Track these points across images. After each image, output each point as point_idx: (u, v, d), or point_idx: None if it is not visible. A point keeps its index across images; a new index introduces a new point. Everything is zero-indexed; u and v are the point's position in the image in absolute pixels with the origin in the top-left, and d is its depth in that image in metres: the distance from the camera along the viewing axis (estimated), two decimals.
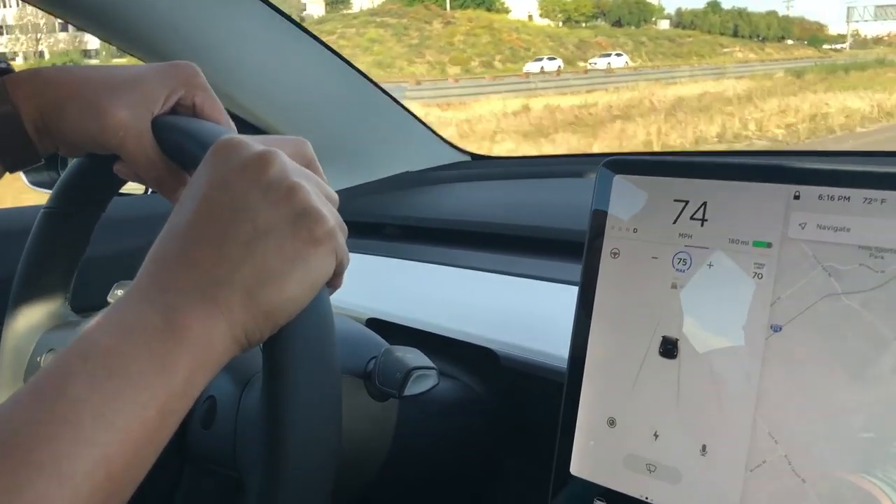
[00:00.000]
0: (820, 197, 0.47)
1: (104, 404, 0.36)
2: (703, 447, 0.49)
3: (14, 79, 0.52)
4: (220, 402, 0.57)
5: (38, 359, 0.68)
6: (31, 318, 0.69)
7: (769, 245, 0.48)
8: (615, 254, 0.55)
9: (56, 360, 0.38)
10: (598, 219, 0.56)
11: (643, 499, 0.52)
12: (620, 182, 0.55)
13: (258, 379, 0.55)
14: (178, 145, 0.52)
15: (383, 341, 0.66)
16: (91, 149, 0.54)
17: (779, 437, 0.47)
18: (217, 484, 0.55)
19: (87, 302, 0.74)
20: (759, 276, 0.48)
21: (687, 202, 0.52)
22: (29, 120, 0.52)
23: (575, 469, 0.55)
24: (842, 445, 0.45)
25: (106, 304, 0.72)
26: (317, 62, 1.14)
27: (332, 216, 0.44)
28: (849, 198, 0.46)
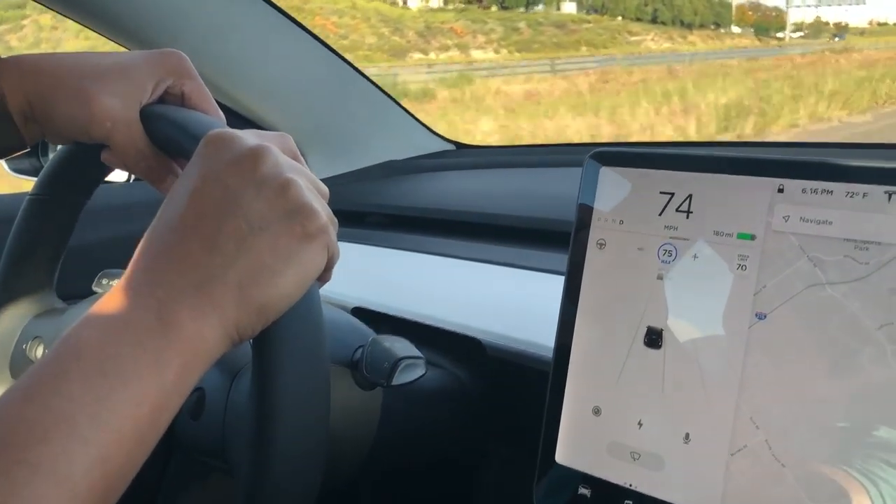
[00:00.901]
0: (803, 190, 0.48)
1: (98, 403, 0.36)
2: (687, 435, 0.50)
3: (0, 66, 0.52)
4: (209, 393, 0.57)
5: (24, 346, 0.68)
6: (16, 305, 0.68)
7: (753, 237, 0.49)
8: (601, 245, 0.55)
9: (49, 358, 0.37)
10: (585, 210, 0.56)
11: (627, 486, 0.53)
12: (607, 173, 0.55)
13: (247, 371, 0.56)
14: (167, 135, 0.52)
15: (370, 330, 0.67)
16: (78, 138, 0.54)
17: (760, 423, 0.48)
18: (204, 473, 0.56)
19: (71, 290, 0.74)
20: (744, 267, 0.49)
21: (673, 194, 0.52)
22: (15, 107, 0.52)
23: (560, 457, 0.56)
24: (820, 433, 0.46)
25: (91, 292, 0.72)
26: (301, 50, 1.14)
27: (324, 211, 0.44)
28: (832, 191, 0.47)
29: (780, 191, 0.49)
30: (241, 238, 0.41)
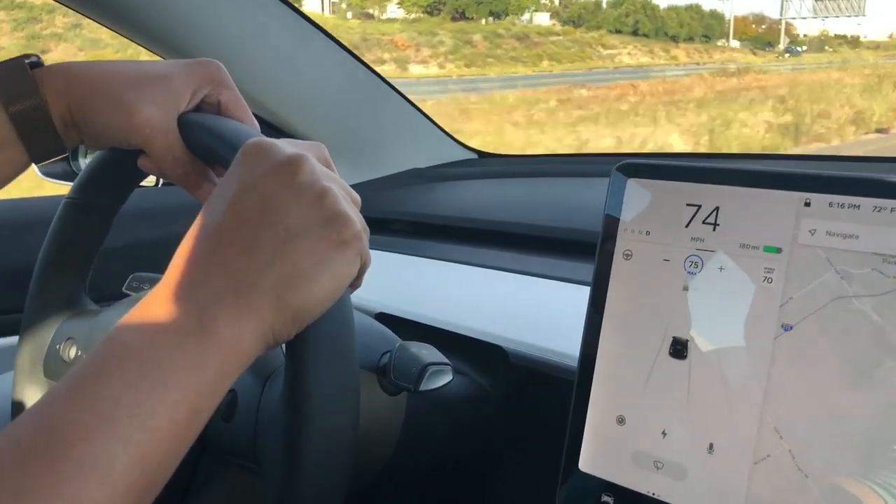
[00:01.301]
0: (830, 204, 0.48)
1: (138, 404, 0.37)
2: (711, 445, 0.51)
3: (44, 72, 0.53)
4: (242, 396, 0.58)
5: (58, 346, 0.69)
6: (50, 306, 0.70)
7: (779, 250, 0.50)
8: (627, 255, 0.56)
9: (91, 360, 0.39)
10: (611, 220, 0.57)
11: (650, 494, 0.53)
12: (634, 185, 0.56)
13: (279, 374, 0.57)
14: (203, 143, 0.53)
15: (396, 336, 0.68)
16: (117, 144, 0.55)
17: (784, 433, 0.48)
18: (234, 474, 0.57)
19: (102, 292, 0.75)
20: (769, 280, 0.50)
21: (699, 206, 0.53)
22: (57, 113, 0.53)
23: (583, 464, 0.56)
24: (844, 444, 0.46)
25: (122, 294, 0.73)
26: (331, 61, 1.15)
27: (358, 219, 0.45)
28: (859, 206, 0.47)
29: (807, 204, 0.49)
30: (279, 244, 0.42)
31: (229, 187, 0.44)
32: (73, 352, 0.68)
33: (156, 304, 0.41)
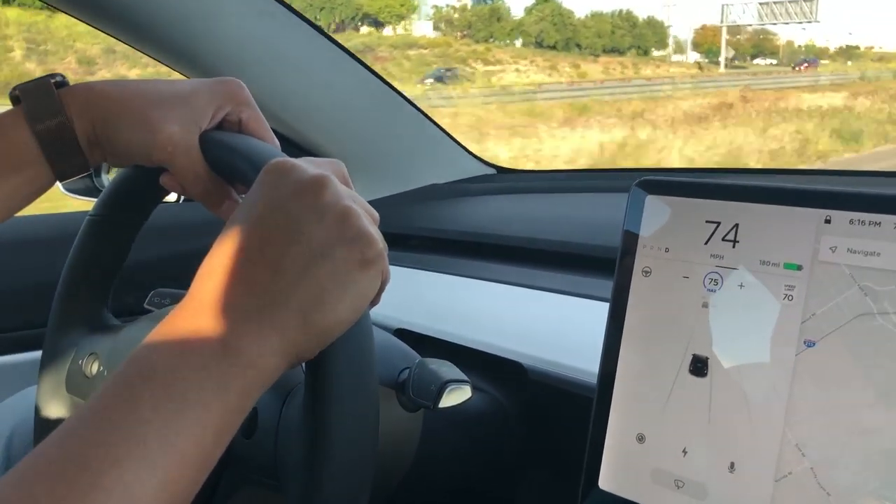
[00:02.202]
0: (851, 221, 0.48)
1: (166, 426, 0.37)
2: (732, 464, 0.50)
3: (69, 91, 0.54)
4: (262, 412, 0.58)
5: (80, 362, 0.70)
6: (73, 322, 0.71)
7: (800, 267, 0.49)
8: (647, 272, 0.56)
9: (118, 380, 0.39)
10: (630, 237, 0.57)
11: None
12: (653, 202, 0.56)
13: (299, 390, 0.57)
14: (225, 161, 0.54)
15: (414, 353, 0.68)
16: (140, 161, 0.56)
17: (806, 450, 0.48)
18: (255, 490, 0.57)
19: (124, 307, 0.76)
20: (790, 297, 0.49)
21: (719, 223, 0.53)
22: (81, 131, 0.54)
23: (603, 483, 0.56)
24: (867, 463, 0.46)
25: (144, 310, 0.74)
26: (347, 74, 1.16)
27: (379, 238, 0.45)
28: (880, 223, 0.47)
29: (828, 221, 0.49)
30: (304, 264, 0.42)
31: (253, 207, 0.44)
32: (95, 367, 0.69)
33: (182, 324, 0.41)
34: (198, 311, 0.41)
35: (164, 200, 1.17)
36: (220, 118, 0.57)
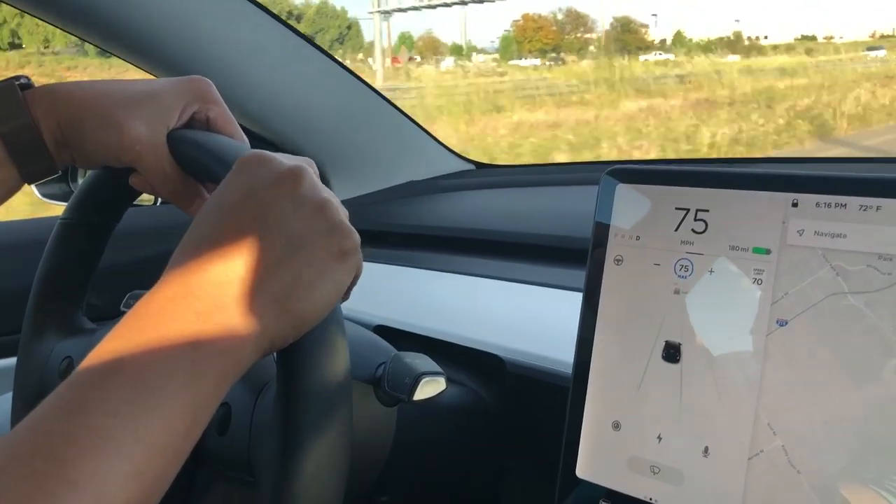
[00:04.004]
0: (817, 204, 0.48)
1: (137, 419, 0.36)
2: (706, 448, 0.51)
3: (34, 93, 0.54)
4: (235, 409, 0.58)
5: (55, 366, 0.69)
6: (47, 326, 0.70)
7: (768, 251, 0.50)
8: (618, 261, 0.56)
9: (89, 370, 0.38)
10: (601, 227, 0.57)
11: (647, 500, 0.53)
12: (623, 190, 0.56)
13: (272, 385, 0.57)
14: (193, 159, 0.54)
15: (391, 347, 0.68)
16: (108, 162, 0.56)
17: (777, 429, 0.48)
18: (230, 486, 0.57)
19: (99, 311, 0.76)
20: (759, 281, 0.50)
21: (688, 210, 0.53)
22: (48, 133, 0.54)
23: (581, 472, 0.56)
24: (837, 441, 0.46)
25: (120, 313, 0.74)
26: (323, 73, 1.16)
27: (355, 231, 0.45)
28: (845, 205, 0.47)
29: (795, 205, 0.49)
30: (281, 252, 0.42)
31: (226, 196, 0.44)
32: (70, 371, 0.68)
33: (155, 312, 0.40)
34: (168, 299, 0.40)
35: (141, 203, 1.17)
36: (188, 117, 0.57)
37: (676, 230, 0.53)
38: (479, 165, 1.37)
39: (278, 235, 0.42)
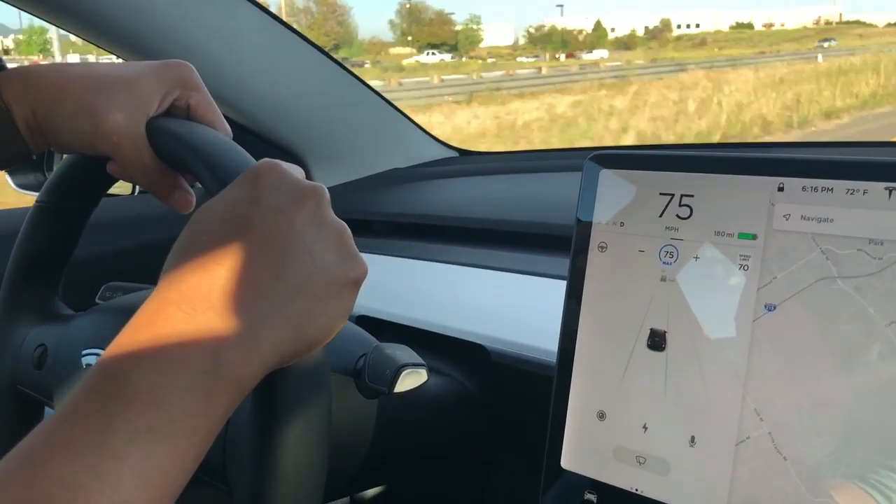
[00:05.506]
0: (803, 188, 0.48)
1: (144, 460, 0.34)
2: (692, 438, 0.50)
3: (6, 76, 0.52)
4: None
5: (29, 353, 0.68)
6: (21, 312, 0.68)
7: (754, 237, 0.49)
8: (602, 247, 0.55)
9: (92, 401, 0.35)
10: (585, 213, 0.56)
11: (633, 490, 0.52)
12: (607, 176, 0.55)
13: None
14: (173, 151, 0.51)
15: (373, 338, 0.67)
16: (84, 151, 0.54)
17: (764, 415, 0.47)
18: (205, 493, 0.55)
19: (75, 301, 0.74)
20: (745, 267, 0.49)
21: (672, 195, 0.52)
22: (21, 118, 0.52)
23: (566, 463, 0.56)
24: (823, 427, 0.45)
25: (95, 304, 0.72)
26: (305, 60, 1.14)
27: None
28: (832, 189, 0.47)
29: (780, 189, 0.48)
30: (306, 274, 0.40)
31: (240, 206, 0.41)
32: (44, 359, 0.67)
33: (167, 334, 0.36)
34: (188, 322, 0.37)
35: (119, 192, 1.15)
36: (168, 104, 0.54)
37: (661, 216, 0.53)
38: (462, 152, 1.35)
39: (304, 258, 0.41)
